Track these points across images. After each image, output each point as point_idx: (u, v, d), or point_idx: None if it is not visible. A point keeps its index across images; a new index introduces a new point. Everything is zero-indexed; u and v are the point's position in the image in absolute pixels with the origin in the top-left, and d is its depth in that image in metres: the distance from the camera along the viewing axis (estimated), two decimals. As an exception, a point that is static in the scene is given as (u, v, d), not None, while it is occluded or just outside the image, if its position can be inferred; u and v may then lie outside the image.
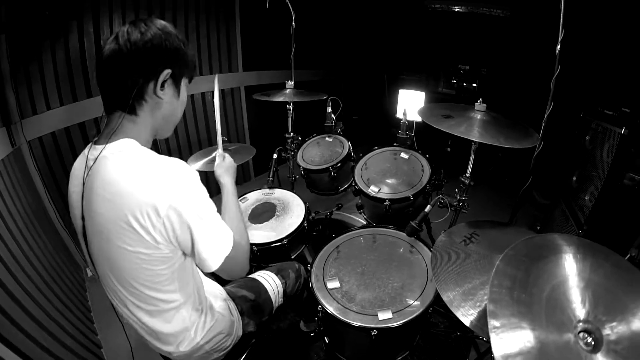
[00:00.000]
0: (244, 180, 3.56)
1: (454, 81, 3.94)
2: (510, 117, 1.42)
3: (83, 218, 0.78)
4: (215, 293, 1.09)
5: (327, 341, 1.34)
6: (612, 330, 0.66)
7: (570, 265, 0.77)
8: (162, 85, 0.80)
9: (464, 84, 3.90)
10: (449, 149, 3.62)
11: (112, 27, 2.17)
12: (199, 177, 0.79)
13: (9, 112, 1.77)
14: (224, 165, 1.12)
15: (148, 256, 0.75)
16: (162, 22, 0.80)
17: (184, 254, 0.83)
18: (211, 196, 0.83)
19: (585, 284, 0.73)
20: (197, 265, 0.84)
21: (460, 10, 3.55)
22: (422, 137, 1.99)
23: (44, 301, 1.46)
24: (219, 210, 0.90)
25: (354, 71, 4.37)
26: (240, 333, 1.10)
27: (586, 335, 0.66)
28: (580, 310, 0.70)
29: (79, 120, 2.14)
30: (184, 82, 0.87)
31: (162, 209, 0.70)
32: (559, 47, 1.46)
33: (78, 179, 0.79)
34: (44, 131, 1.99)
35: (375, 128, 4.10)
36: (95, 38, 2.08)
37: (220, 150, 1.18)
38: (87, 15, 2.02)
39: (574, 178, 2.18)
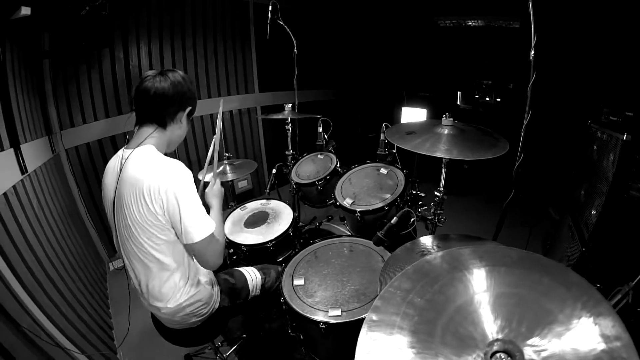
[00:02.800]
0: (260, 193, 3.75)
1: (477, 96, 3.90)
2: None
3: (114, 199, 1.12)
4: (204, 272, 1.35)
5: (301, 337, 1.40)
6: (538, 355, 0.57)
7: (500, 279, 0.69)
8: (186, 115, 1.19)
9: (487, 99, 3.85)
10: (466, 166, 3.51)
11: (140, 53, 2.50)
12: (192, 177, 1.10)
13: (50, 124, 2.13)
14: (213, 192, 1.39)
15: (151, 221, 1.07)
16: (181, 72, 1.17)
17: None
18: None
19: (518, 301, 0.65)
20: (184, 237, 1.08)
21: (476, 25, 3.52)
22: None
23: (70, 282, 1.76)
24: None
25: (369, 90, 4.44)
26: (217, 306, 1.35)
27: (503, 357, 0.59)
28: (501, 328, 0.62)
29: (110, 134, 2.47)
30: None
31: (163, 189, 1.03)
32: (532, 52, 1.38)
33: (111, 172, 1.14)
34: (80, 141, 2.34)
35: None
36: (125, 63, 2.41)
37: (210, 175, 1.44)
38: (118, 43, 2.37)
39: (582, 192, 2.04)
